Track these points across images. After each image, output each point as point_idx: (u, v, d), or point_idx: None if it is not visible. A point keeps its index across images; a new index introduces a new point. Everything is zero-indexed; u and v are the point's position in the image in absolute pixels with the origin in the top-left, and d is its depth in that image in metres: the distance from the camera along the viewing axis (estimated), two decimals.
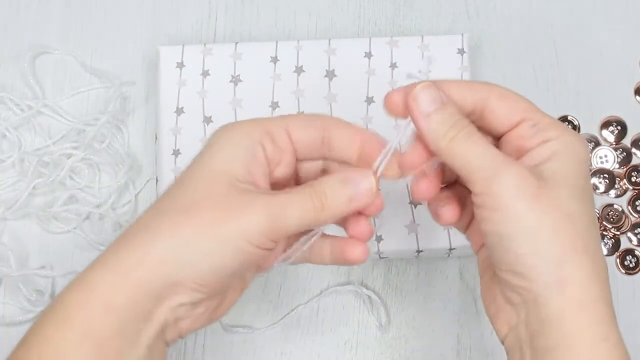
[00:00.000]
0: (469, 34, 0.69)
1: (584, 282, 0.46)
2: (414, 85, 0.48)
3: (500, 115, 0.49)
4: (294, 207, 0.47)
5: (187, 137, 0.67)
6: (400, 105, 0.49)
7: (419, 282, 0.68)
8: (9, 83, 0.72)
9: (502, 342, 0.50)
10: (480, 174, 0.46)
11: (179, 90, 0.68)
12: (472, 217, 0.53)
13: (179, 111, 0.68)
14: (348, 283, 0.68)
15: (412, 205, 0.66)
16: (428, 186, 0.50)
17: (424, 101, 0.48)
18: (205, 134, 0.67)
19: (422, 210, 0.66)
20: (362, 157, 0.50)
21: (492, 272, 0.50)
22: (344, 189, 0.49)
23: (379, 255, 0.66)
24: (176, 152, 0.67)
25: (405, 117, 0.49)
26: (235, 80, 0.68)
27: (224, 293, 0.50)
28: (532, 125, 0.49)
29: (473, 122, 0.49)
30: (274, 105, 0.68)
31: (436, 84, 0.49)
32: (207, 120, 0.67)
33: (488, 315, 0.51)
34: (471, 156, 0.47)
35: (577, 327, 0.45)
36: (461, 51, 0.68)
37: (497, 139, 0.50)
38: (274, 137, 0.49)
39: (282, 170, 0.50)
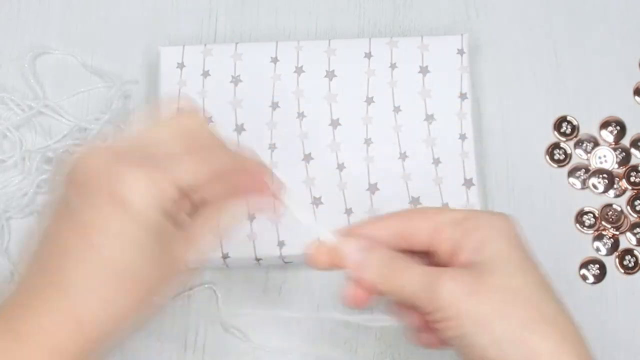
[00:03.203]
0: (468, 35, 0.69)
1: (554, 350, 0.46)
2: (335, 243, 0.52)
3: (421, 232, 0.51)
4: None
5: None
6: (327, 262, 0.52)
7: None
8: (9, 83, 0.72)
9: None
10: (421, 296, 0.49)
11: (179, 90, 0.68)
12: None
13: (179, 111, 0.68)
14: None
15: (412, 205, 0.66)
16: (359, 294, 0.52)
17: (351, 256, 0.51)
18: None
19: None
20: None
21: None
22: None
23: None
24: None
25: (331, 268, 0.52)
26: (236, 80, 0.68)
27: None
28: (450, 224, 0.50)
29: (403, 249, 0.51)
30: (274, 105, 0.68)
31: (356, 230, 0.52)
32: (208, 120, 0.67)
33: None
34: (407, 285, 0.49)
35: None
36: (461, 52, 0.68)
37: (429, 254, 0.52)
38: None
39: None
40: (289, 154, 0.67)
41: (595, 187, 0.70)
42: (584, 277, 0.68)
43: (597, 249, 0.69)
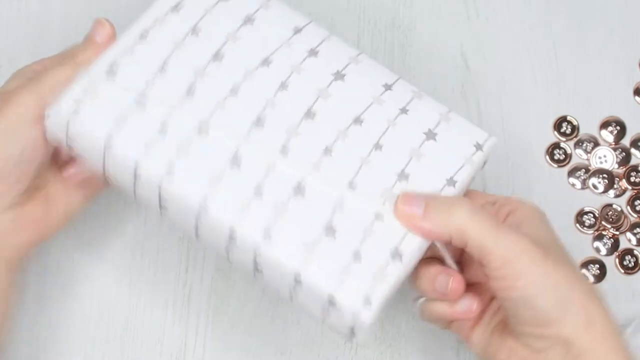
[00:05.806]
0: (495, 140, 0.59)
1: (605, 320, 0.52)
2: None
3: None
4: (53, 76, 0.57)
5: None
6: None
7: None
8: None
9: None
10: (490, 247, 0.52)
11: None
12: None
13: None
14: None
15: None
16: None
17: (412, 205, 0.55)
18: None
19: None
20: None
21: (499, 336, 0.55)
22: None
23: None
24: None
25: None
26: None
27: (39, 195, 0.58)
28: (491, 204, 0.57)
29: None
30: None
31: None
32: None
33: None
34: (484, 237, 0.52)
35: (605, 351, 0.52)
36: (478, 147, 0.58)
37: None
38: None
39: None
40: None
41: (595, 187, 0.70)
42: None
43: (597, 249, 0.69)
